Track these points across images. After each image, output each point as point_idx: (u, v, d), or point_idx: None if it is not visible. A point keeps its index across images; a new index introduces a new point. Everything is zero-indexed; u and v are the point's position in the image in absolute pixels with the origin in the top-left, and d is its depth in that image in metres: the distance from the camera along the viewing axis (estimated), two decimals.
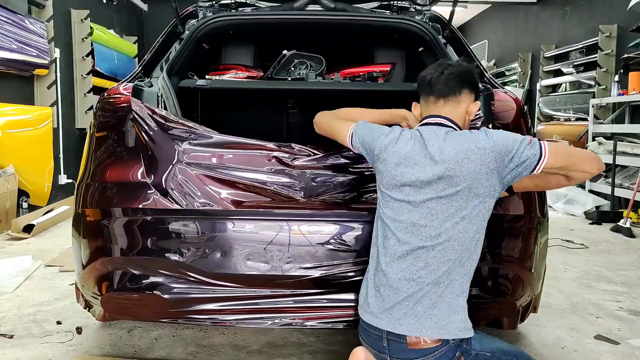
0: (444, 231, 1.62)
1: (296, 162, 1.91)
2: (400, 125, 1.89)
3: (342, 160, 1.94)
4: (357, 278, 1.85)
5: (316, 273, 1.84)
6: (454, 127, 1.73)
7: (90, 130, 2.07)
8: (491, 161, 1.59)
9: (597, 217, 5.45)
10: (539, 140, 1.64)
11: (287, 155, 1.92)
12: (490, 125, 1.97)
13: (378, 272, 1.70)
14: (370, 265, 1.75)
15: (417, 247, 1.63)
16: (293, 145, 1.94)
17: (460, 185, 1.60)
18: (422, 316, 1.60)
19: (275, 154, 1.91)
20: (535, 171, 1.62)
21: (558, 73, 7.71)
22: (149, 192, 1.85)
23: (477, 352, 1.63)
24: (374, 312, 1.68)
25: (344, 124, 1.88)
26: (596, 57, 6.43)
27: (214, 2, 2.73)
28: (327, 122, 1.97)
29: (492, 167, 1.60)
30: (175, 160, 1.88)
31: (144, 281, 1.87)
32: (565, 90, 7.67)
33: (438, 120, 1.73)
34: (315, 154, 1.93)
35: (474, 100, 1.79)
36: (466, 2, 9.22)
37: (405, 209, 1.67)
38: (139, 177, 1.87)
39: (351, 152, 1.92)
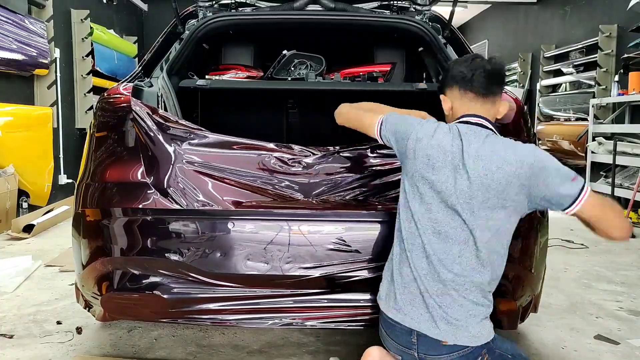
0: (469, 237, 1.59)
1: (296, 163, 1.91)
2: None
3: (342, 160, 1.94)
4: (358, 278, 1.85)
5: (316, 273, 1.84)
6: (493, 130, 1.68)
7: (90, 130, 2.07)
8: (525, 177, 1.54)
9: None
10: (584, 185, 1.55)
11: (286, 155, 1.92)
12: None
13: (403, 267, 1.66)
14: (394, 257, 1.70)
15: (442, 250, 1.62)
16: (292, 146, 1.94)
17: (489, 192, 1.56)
18: (453, 323, 1.59)
19: (274, 154, 1.91)
20: (566, 212, 1.55)
21: (558, 73, 7.71)
22: (149, 192, 1.85)
23: (501, 352, 1.64)
24: (401, 309, 1.65)
25: (372, 114, 1.85)
26: (596, 57, 6.43)
27: (214, 2, 2.74)
28: (353, 111, 1.93)
29: (524, 183, 1.55)
30: (175, 160, 1.88)
31: (144, 281, 1.87)
32: (565, 90, 7.67)
33: (479, 120, 1.67)
34: (315, 154, 1.93)
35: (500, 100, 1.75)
36: (466, 2, 9.22)
37: (434, 207, 1.62)
38: (139, 177, 1.87)
39: (351, 152, 1.92)
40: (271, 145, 1.93)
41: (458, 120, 1.72)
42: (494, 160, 1.56)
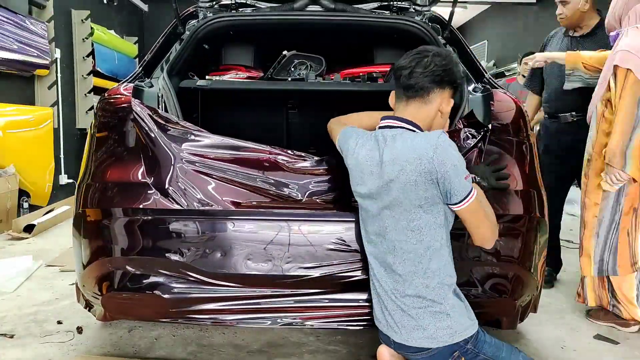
0: (397, 244, 1.63)
1: (295, 165, 1.92)
2: None
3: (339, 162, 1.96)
4: (358, 278, 1.86)
5: (316, 273, 1.84)
6: (411, 128, 1.66)
7: (90, 130, 2.07)
8: (426, 172, 1.55)
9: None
10: (471, 189, 1.58)
11: (286, 157, 1.93)
12: (490, 126, 1.97)
13: (371, 270, 1.76)
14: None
15: (385, 260, 1.68)
16: (292, 151, 1.95)
17: (398, 194, 1.59)
18: (411, 329, 1.63)
19: (274, 157, 1.92)
20: (451, 206, 1.60)
21: None
22: (149, 192, 1.85)
23: (485, 356, 1.65)
24: (374, 310, 1.76)
25: (339, 128, 1.89)
26: None
27: (214, 2, 2.74)
28: (330, 127, 1.98)
29: (428, 178, 1.55)
30: (175, 161, 1.89)
31: (144, 281, 1.88)
32: None
33: (394, 122, 1.69)
34: (314, 157, 1.94)
35: (451, 97, 1.71)
36: (466, 2, 9.22)
37: (369, 219, 1.71)
38: (140, 178, 1.88)
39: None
40: (270, 149, 1.94)
41: (380, 125, 1.73)
42: (396, 163, 1.58)
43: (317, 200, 1.90)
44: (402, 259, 1.64)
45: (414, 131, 1.65)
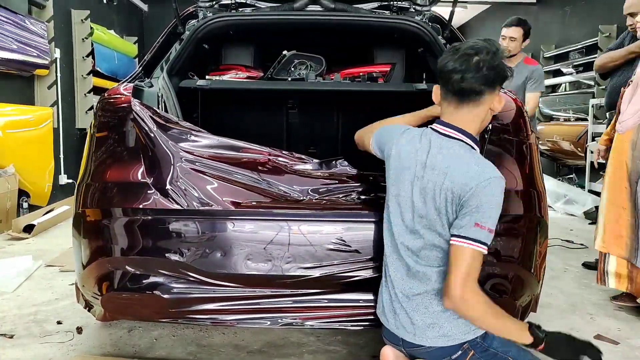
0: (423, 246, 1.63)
1: (295, 166, 1.92)
2: None
3: (341, 164, 1.95)
4: (358, 278, 1.86)
5: (316, 273, 1.84)
6: (466, 141, 1.62)
7: (90, 130, 2.07)
8: (460, 197, 1.52)
9: (597, 217, 5.43)
10: (480, 240, 1.49)
11: (286, 158, 1.93)
12: (489, 126, 1.97)
13: (385, 269, 1.75)
14: (384, 258, 1.79)
15: (406, 259, 1.67)
16: (292, 152, 1.95)
17: (427, 209, 1.58)
18: (425, 327, 1.63)
19: (274, 157, 1.92)
20: (449, 238, 1.54)
21: (558, 73, 7.71)
22: (149, 192, 1.85)
23: (495, 351, 1.63)
24: (383, 311, 1.75)
25: (370, 132, 1.88)
26: (596, 57, 6.41)
27: (214, 2, 2.74)
28: (360, 135, 1.96)
29: (459, 202, 1.53)
30: (175, 161, 1.88)
31: (144, 281, 1.88)
32: (565, 91, 7.67)
33: (447, 131, 1.63)
34: (314, 160, 1.94)
35: (498, 94, 1.63)
36: (466, 2, 9.22)
37: (397, 213, 1.68)
38: (139, 177, 1.87)
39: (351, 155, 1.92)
40: (270, 150, 1.94)
41: (432, 125, 1.69)
42: (448, 176, 1.54)
43: (317, 200, 1.90)
44: (426, 259, 1.63)
45: (469, 145, 1.61)
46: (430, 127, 1.69)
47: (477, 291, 1.50)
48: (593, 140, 6.12)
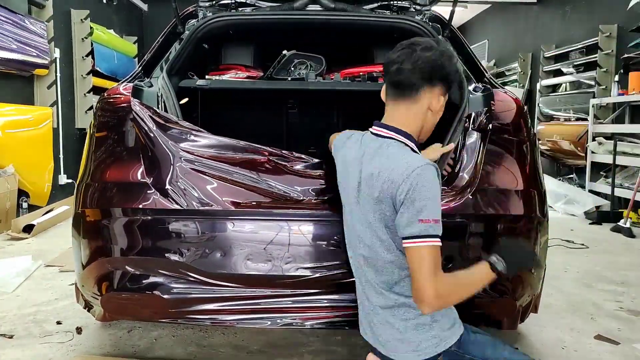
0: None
1: (295, 167, 1.91)
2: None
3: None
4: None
5: (316, 273, 1.84)
6: (401, 139, 1.55)
7: (90, 130, 2.07)
8: (392, 196, 1.46)
9: (597, 217, 5.44)
10: (429, 234, 1.41)
11: (286, 158, 1.92)
12: (490, 126, 1.96)
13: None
14: None
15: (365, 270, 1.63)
16: (292, 152, 1.94)
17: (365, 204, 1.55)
18: (396, 342, 1.56)
19: (274, 157, 1.91)
20: (403, 243, 1.44)
21: (558, 73, 7.71)
22: (148, 192, 1.85)
23: (464, 353, 1.59)
24: (361, 322, 1.71)
25: (333, 138, 1.88)
26: (596, 57, 6.42)
27: (214, 2, 2.73)
28: (330, 140, 1.95)
29: (390, 203, 1.48)
30: (175, 161, 1.88)
31: (144, 281, 1.87)
32: (565, 90, 7.67)
33: (381, 131, 1.58)
34: (313, 159, 1.94)
35: (443, 93, 1.58)
36: (466, 2, 9.22)
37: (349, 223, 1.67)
38: (139, 177, 1.87)
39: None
40: (270, 149, 1.93)
41: (370, 128, 1.64)
42: (381, 178, 1.49)
43: (317, 200, 1.89)
44: (385, 272, 1.57)
45: (403, 142, 1.56)
46: (369, 130, 1.65)
47: (445, 280, 1.43)
48: (593, 140, 6.12)
